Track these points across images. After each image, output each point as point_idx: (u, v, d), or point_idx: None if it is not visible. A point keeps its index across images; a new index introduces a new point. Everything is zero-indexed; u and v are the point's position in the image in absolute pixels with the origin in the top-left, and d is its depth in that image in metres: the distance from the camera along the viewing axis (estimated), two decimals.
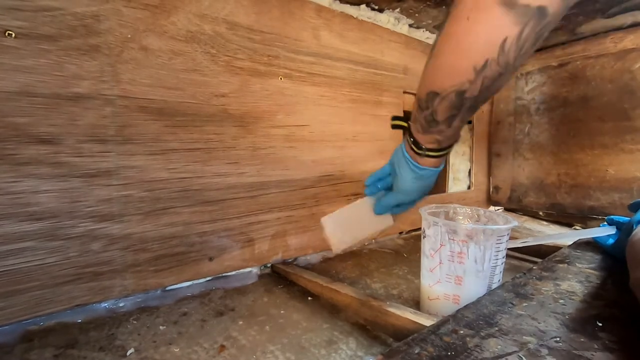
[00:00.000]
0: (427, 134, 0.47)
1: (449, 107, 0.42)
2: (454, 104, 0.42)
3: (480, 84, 0.39)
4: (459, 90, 0.40)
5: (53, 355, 0.42)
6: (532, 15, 0.34)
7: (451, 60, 0.39)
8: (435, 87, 0.42)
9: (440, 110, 0.43)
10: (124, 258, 0.52)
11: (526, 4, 0.34)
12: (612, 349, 0.30)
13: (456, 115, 0.43)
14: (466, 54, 0.38)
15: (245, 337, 0.47)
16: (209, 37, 0.58)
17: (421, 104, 0.45)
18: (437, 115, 0.44)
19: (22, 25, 0.43)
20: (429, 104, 0.43)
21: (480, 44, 0.37)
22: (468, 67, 0.38)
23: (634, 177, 0.96)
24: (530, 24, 0.35)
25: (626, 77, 0.95)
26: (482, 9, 0.35)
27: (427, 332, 0.33)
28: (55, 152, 0.46)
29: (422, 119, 0.46)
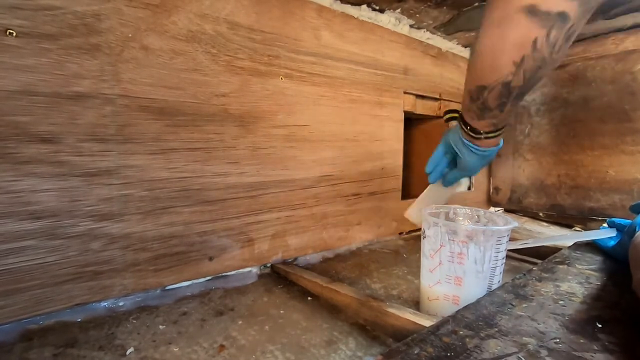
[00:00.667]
0: (482, 120, 0.52)
1: (498, 96, 0.48)
2: (502, 93, 0.47)
3: (522, 75, 0.44)
4: (505, 81, 0.45)
5: (52, 354, 0.42)
6: (555, 20, 0.39)
7: (492, 58, 0.45)
8: (482, 82, 0.47)
9: (490, 100, 0.48)
10: (123, 257, 0.52)
11: (547, 10, 0.39)
12: (612, 351, 0.30)
13: (506, 102, 0.48)
14: (504, 52, 0.43)
15: (244, 337, 0.47)
16: (209, 36, 0.58)
17: (472, 96, 0.50)
18: (489, 104, 0.49)
19: (23, 24, 0.43)
20: (480, 95, 0.49)
21: (515, 43, 0.42)
22: (508, 62, 0.43)
23: (635, 178, 0.96)
24: (556, 26, 0.40)
25: (627, 78, 0.95)
26: (509, 17, 0.41)
27: (426, 333, 0.33)
28: (56, 151, 0.46)
29: (475, 108, 0.51)
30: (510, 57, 0.43)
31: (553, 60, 0.43)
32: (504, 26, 0.42)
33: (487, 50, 0.45)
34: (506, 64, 0.44)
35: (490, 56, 0.45)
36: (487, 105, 0.49)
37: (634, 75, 0.94)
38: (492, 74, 0.46)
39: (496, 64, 0.45)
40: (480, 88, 0.48)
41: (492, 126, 0.53)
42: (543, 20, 0.39)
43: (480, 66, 0.47)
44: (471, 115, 0.53)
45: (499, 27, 0.42)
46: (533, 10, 0.39)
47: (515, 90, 0.46)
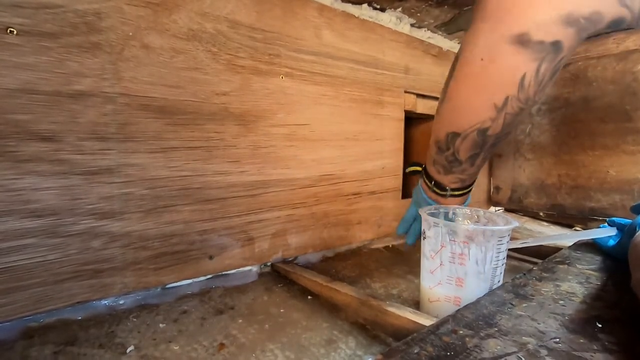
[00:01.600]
0: (449, 174, 0.47)
1: (471, 146, 0.42)
2: (477, 142, 0.41)
3: (502, 121, 0.39)
4: (481, 128, 0.40)
5: (53, 352, 0.42)
6: (548, 51, 0.34)
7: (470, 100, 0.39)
8: (455, 128, 0.41)
9: (462, 150, 0.43)
10: (124, 256, 0.52)
11: (540, 40, 0.33)
12: (612, 350, 0.30)
13: (479, 153, 0.43)
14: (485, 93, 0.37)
15: (244, 336, 0.47)
16: (210, 35, 0.58)
17: (440, 146, 0.44)
18: (459, 155, 0.43)
19: (23, 23, 0.43)
20: (450, 145, 0.43)
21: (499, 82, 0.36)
22: (489, 105, 0.38)
23: (635, 178, 0.96)
24: (548, 58, 0.34)
25: (628, 78, 0.95)
26: (496, 49, 0.35)
27: (426, 332, 0.33)
28: (56, 149, 0.46)
29: (442, 160, 0.46)
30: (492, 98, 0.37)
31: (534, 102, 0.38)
32: (487, 59, 0.35)
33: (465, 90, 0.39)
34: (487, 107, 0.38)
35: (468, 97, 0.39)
36: (457, 157, 0.44)
37: (635, 75, 0.94)
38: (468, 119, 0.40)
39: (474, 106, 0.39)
40: (451, 136, 0.42)
41: (460, 182, 0.48)
42: (535, 52, 0.33)
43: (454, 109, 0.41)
44: (437, 169, 0.48)
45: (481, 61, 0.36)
46: (524, 40, 0.33)
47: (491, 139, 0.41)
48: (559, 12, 0.32)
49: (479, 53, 0.36)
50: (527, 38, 0.33)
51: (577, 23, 0.32)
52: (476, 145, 0.42)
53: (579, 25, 0.32)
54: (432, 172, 0.49)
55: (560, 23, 0.32)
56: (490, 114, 0.38)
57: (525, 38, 0.33)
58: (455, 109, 0.41)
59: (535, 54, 0.34)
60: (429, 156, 0.48)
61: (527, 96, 0.36)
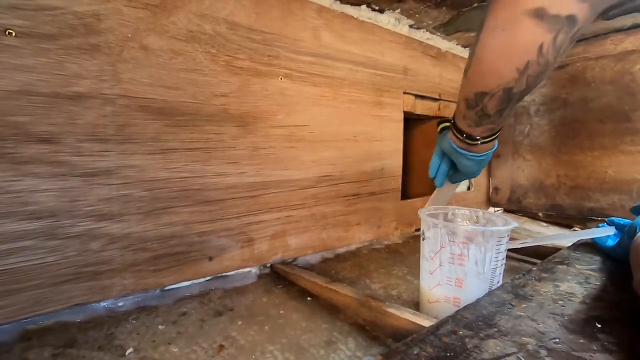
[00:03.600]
0: (479, 126, 0.51)
1: (498, 102, 0.46)
2: (503, 99, 0.46)
3: (525, 81, 0.43)
4: (506, 87, 0.44)
5: (52, 355, 0.42)
6: (563, 24, 0.37)
7: (495, 64, 0.43)
8: (483, 88, 0.46)
9: (490, 106, 0.47)
10: (123, 257, 0.52)
11: (556, 14, 0.36)
12: (611, 351, 0.30)
13: (506, 107, 0.47)
14: (508, 58, 0.41)
15: (244, 337, 0.47)
16: (209, 36, 0.58)
17: (470, 103, 0.49)
18: (488, 110, 0.48)
19: (22, 24, 0.43)
20: (479, 102, 0.47)
21: (519, 49, 0.40)
22: (511, 68, 0.42)
23: (634, 178, 0.96)
24: (563, 30, 0.37)
25: (626, 78, 0.95)
26: (515, 21, 0.38)
27: (426, 333, 0.33)
28: (55, 151, 0.46)
29: (473, 115, 0.50)
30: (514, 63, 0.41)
31: (555, 63, 0.42)
32: (508, 30, 0.39)
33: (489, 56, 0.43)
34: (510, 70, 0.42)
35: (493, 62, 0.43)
36: (486, 112, 0.48)
37: (633, 75, 0.94)
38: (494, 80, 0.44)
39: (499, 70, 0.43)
40: (479, 95, 0.47)
41: (490, 131, 0.52)
42: (551, 24, 0.37)
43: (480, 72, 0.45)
44: (468, 123, 0.51)
45: (503, 31, 0.40)
46: (541, 14, 0.36)
47: (517, 96, 0.45)
48: None
49: (501, 23, 0.40)
50: (544, 12, 0.36)
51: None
52: (503, 101, 0.46)
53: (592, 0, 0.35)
54: (463, 126, 0.53)
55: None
56: (513, 75, 0.42)
57: (541, 12, 0.36)
58: (482, 71, 0.45)
59: (551, 26, 0.37)
60: (458, 112, 0.53)
61: (547, 61, 0.41)
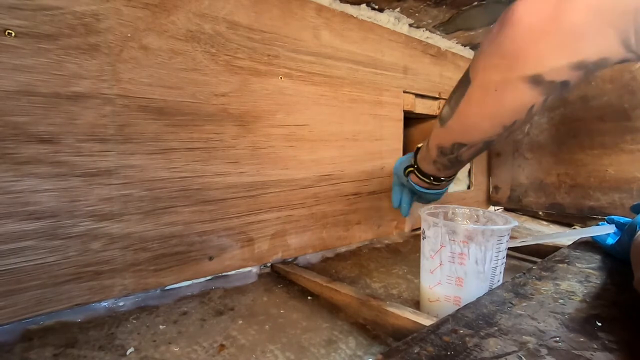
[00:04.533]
0: (447, 170, 0.54)
1: (475, 152, 0.49)
2: (480, 149, 0.48)
3: (507, 135, 0.45)
4: (488, 140, 0.46)
5: (53, 355, 0.42)
6: (557, 88, 0.38)
7: (481, 122, 0.44)
8: (463, 140, 0.47)
9: (466, 155, 0.50)
10: (124, 257, 0.52)
11: (551, 80, 0.37)
12: (612, 349, 0.30)
13: (479, 154, 0.50)
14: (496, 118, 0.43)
15: (244, 337, 0.47)
16: (208, 36, 0.58)
17: (444, 151, 0.50)
18: (462, 158, 0.50)
19: (21, 24, 0.43)
20: (454, 151, 0.49)
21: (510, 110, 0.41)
22: (498, 126, 0.43)
23: (634, 177, 0.96)
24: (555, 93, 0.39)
25: (626, 77, 0.95)
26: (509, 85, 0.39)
27: (426, 332, 0.33)
28: (55, 151, 0.46)
29: (445, 161, 0.52)
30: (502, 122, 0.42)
31: None
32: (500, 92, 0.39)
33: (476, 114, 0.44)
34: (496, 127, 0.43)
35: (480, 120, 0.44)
36: (460, 159, 0.50)
37: (633, 74, 0.94)
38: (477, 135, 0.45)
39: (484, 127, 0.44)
40: (457, 145, 0.48)
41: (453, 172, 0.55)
42: (545, 89, 0.38)
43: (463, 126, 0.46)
44: (437, 167, 0.53)
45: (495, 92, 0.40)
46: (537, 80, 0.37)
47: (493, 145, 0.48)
48: (570, 60, 0.35)
49: (494, 85, 0.40)
50: (541, 79, 0.37)
51: (585, 67, 0.35)
52: (480, 151, 0.49)
53: (588, 68, 0.36)
54: (430, 170, 0.55)
55: (571, 68, 0.36)
56: (498, 131, 0.44)
57: (539, 79, 0.37)
58: (465, 126, 0.46)
59: (545, 91, 0.38)
60: (427, 157, 0.54)
61: (532, 117, 0.43)
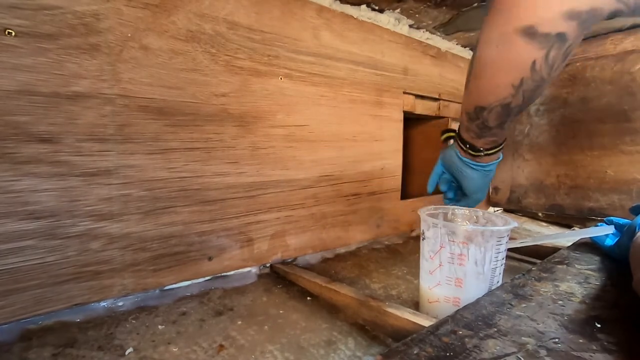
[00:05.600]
0: (481, 138, 0.52)
1: (497, 116, 0.47)
2: (502, 113, 0.47)
3: (521, 96, 0.43)
4: (503, 103, 0.45)
5: (52, 354, 0.42)
6: (554, 41, 0.38)
7: (490, 80, 0.44)
8: (481, 103, 0.47)
9: (491, 119, 0.48)
10: (123, 257, 0.52)
11: (546, 32, 0.37)
12: (611, 350, 0.30)
13: (506, 120, 0.48)
14: (503, 75, 0.42)
15: (244, 337, 0.47)
16: (209, 36, 0.58)
17: (471, 116, 0.49)
18: (489, 123, 0.49)
19: (22, 24, 0.43)
20: (479, 115, 0.48)
21: (513, 66, 0.41)
22: (507, 85, 0.43)
23: (634, 178, 0.96)
24: (555, 47, 0.38)
25: (626, 78, 0.95)
26: (506, 40, 0.39)
27: (425, 333, 0.33)
28: (55, 151, 0.46)
29: (474, 127, 0.51)
30: (509, 79, 0.42)
31: (551, 78, 0.42)
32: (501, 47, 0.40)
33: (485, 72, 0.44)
34: (505, 86, 0.43)
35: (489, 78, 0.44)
36: (487, 125, 0.49)
37: (632, 75, 0.94)
38: (491, 96, 0.45)
39: (494, 86, 0.44)
40: (479, 109, 0.47)
41: (492, 143, 0.53)
42: (542, 42, 0.38)
43: (478, 88, 0.46)
44: (470, 135, 0.52)
45: (496, 48, 0.41)
46: (531, 32, 0.37)
47: (515, 110, 0.46)
48: (560, 9, 0.36)
49: (495, 41, 0.41)
50: (534, 30, 0.37)
51: (578, 17, 0.36)
52: (502, 115, 0.47)
53: (581, 18, 0.36)
54: (466, 137, 0.54)
55: (563, 18, 0.36)
56: (510, 91, 0.43)
57: (532, 30, 0.37)
58: (478, 88, 0.46)
59: (542, 44, 0.38)
60: (461, 123, 0.53)
61: (541, 77, 0.41)
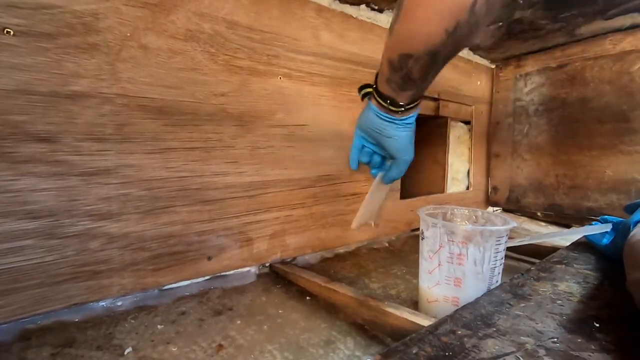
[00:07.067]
0: (403, 92, 0.48)
1: (423, 66, 0.43)
2: (428, 63, 0.43)
3: (452, 43, 0.40)
4: (432, 50, 0.41)
5: (50, 354, 0.42)
6: None
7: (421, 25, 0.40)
8: (408, 50, 0.42)
9: (415, 70, 0.44)
10: (122, 257, 0.52)
11: None
12: (609, 350, 0.30)
13: (430, 72, 0.45)
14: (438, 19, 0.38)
15: (243, 337, 0.47)
16: (208, 36, 0.58)
17: (394, 65, 0.45)
18: (413, 74, 0.45)
19: (20, 23, 0.43)
20: (403, 65, 0.44)
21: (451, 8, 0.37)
22: (440, 30, 0.38)
23: (632, 178, 0.96)
24: None
25: (625, 78, 0.96)
26: None
27: (425, 332, 0.33)
28: (54, 150, 0.46)
29: (397, 78, 0.46)
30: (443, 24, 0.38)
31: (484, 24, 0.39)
32: None
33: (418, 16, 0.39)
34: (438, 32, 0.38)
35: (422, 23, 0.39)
36: (411, 77, 0.45)
37: (631, 75, 0.94)
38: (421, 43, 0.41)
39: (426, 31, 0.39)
40: (404, 56, 0.43)
41: (412, 97, 0.49)
42: None
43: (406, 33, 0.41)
44: (392, 87, 0.48)
45: None
46: None
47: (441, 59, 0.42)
48: None
49: None
50: None
51: None
52: (429, 65, 0.43)
53: None
54: (386, 91, 0.49)
55: None
56: (442, 38, 0.39)
57: None
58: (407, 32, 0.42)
59: None
60: (381, 75, 0.49)
61: (477, 20, 0.38)
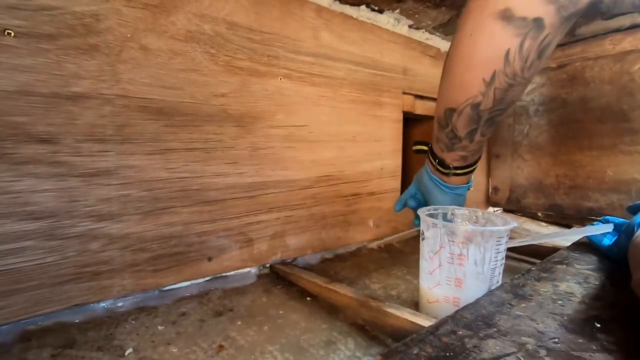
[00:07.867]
0: (451, 151, 0.49)
1: (467, 121, 0.44)
2: (472, 117, 0.44)
3: (492, 96, 0.41)
4: (473, 103, 0.42)
5: (51, 355, 0.42)
6: (530, 27, 0.36)
7: (461, 75, 0.42)
8: (451, 104, 0.44)
9: (459, 126, 0.45)
10: (122, 258, 0.52)
11: (523, 16, 0.36)
12: (611, 350, 0.30)
13: (476, 129, 0.45)
14: (474, 68, 0.40)
15: (243, 337, 0.47)
16: (208, 37, 0.58)
17: (441, 122, 0.47)
18: (458, 131, 0.46)
19: (21, 24, 0.43)
20: (448, 120, 0.46)
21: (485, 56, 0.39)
22: (478, 79, 0.40)
23: (633, 178, 0.96)
24: (530, 35, 0.37)
25: (625, 78, 0.96)
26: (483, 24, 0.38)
27: (425, 333, 0.33)
28: (54, 151, 0.46)
29: (444, 137, 0.48)
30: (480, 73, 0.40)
31: (523, 78, 0.40)
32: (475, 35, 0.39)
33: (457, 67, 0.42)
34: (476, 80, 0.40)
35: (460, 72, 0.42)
36: (456, 134, 0.46)
37: (631, 75, 0.94)
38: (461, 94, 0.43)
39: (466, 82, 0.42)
40: (448, 111, 0.45)
41: (462, 160, 0.50)
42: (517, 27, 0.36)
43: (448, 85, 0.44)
44: (440, 147, 0.50)
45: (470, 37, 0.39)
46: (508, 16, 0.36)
47: (485, 115, 0.43)
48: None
49: (469, 29, 0.39)
50: (511, 13, 0.36)
51: (556, 1, 0.35)
52: (472, 120, 0.44)
53: (559, 3, 0.35)
54: (436, 150, 0.51)
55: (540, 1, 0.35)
56: (480, 89, 0.41)
57: (508, 13, 0.36)
58: (450, 85, 0.44)
59: (518, 30, 0.37)
60: (433, 134, 0.51)
61: (514, 71, 0.39)
